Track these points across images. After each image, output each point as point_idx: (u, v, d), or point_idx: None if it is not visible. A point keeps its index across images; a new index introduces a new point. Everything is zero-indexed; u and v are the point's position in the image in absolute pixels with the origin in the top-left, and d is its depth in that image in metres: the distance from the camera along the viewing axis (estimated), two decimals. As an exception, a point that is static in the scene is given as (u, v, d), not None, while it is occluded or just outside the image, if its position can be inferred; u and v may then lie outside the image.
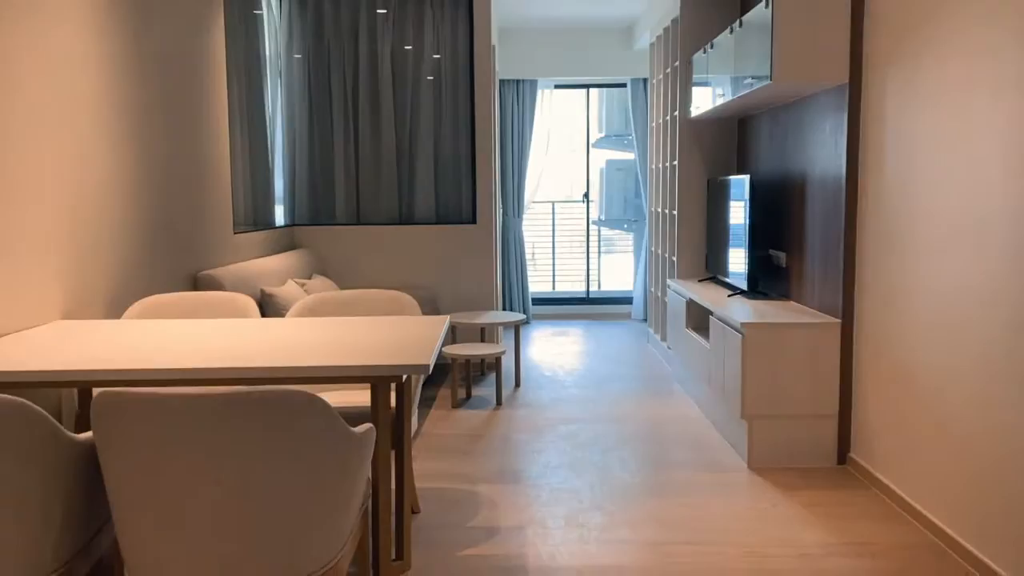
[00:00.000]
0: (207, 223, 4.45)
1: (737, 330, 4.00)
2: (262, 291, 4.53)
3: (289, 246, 5.97)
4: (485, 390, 5.55)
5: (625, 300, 8.75)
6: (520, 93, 8.14)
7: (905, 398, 3.41)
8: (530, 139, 8.17)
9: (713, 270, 5.52)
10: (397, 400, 2.73)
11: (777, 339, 3.92)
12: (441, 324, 2.85)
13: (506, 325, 5.49)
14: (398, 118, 6.17)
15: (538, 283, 9.14)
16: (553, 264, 9.19)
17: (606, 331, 7.83)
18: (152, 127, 3.79)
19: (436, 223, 6.11)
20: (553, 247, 9.20)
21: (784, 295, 4.73)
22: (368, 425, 2.07)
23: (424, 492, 3.68)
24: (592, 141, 8.70)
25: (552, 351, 6.89)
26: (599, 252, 8.96)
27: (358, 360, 2.24)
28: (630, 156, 8.69)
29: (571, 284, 9.25)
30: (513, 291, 8.29)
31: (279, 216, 5.96)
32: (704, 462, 4.05)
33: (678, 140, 5.86)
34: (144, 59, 3.71)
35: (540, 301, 8.74)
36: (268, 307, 4.52)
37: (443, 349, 5.12)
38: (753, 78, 4.12)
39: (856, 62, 3.81)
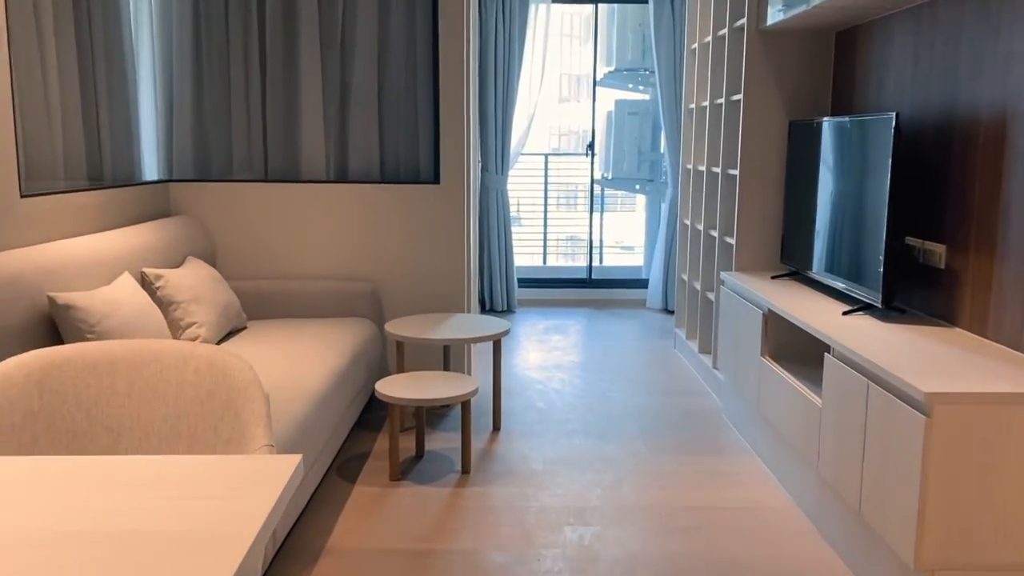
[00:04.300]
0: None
1: (913, 403, 2.13)
2: (50, 300, 2.61)
3: (159, 212, 4.02)
4: (446, 440, 3.67)
5: (637, 283, 6.85)
6: (506, 9, 6.13)
7: None
8: (518, 72, 6.19)
9: (794, 262, 3.64)
10: None
11: (993, 424, 2.06)
12: (262, 515, 0.95)
13: (481, 340, 3.60)
14: (325, 35, 4.19)
15: (525, 257, 7.22)
16: (544, 235, 7.26)
17: (615, 326, 5.94)
18: None
19: (381, 182, 4.16)
20: (545, 213, 7.26)
21: (941, 316, 2.86)
22: None
23: None
24: (598, 78, 6.73)
25: (545, 361, 5.01)
26: (601, 219, 7.03)
27: None
28: (646, 97, 6.73)
29: (567, 259, 7.36)
30: (494, 271, 6.38)
31: (149, 168, 4.01)
32: (834, 636, 2.21)
33: (744, 65, 3.93)
34: None
35: (529, 282, 6.81)
36: (65, 326, 2.61)
37: (377, 387, 3.22)
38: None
39: None
